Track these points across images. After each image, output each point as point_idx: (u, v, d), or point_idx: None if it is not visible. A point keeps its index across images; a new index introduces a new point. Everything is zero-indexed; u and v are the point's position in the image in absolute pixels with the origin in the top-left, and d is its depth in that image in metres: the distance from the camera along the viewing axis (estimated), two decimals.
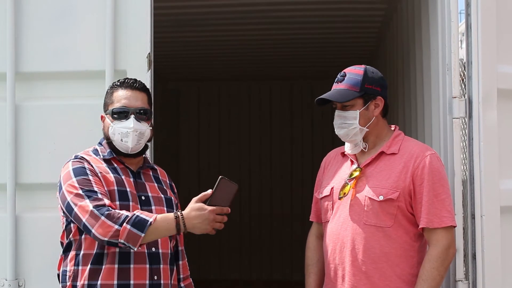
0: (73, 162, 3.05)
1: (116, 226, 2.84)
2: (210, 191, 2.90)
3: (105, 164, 3.09)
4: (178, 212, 2.91)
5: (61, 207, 3.03)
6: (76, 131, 3.61)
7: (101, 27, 3.63)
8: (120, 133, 3.07)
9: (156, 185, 3.19)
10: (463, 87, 3.70)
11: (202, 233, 2.91)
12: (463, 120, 3.66)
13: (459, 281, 3.55)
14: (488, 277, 3.54)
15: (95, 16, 3.65)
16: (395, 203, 3.11)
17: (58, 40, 3.66)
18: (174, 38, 7.39)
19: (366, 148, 3.24)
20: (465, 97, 3.64)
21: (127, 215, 2.87)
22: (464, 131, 3.68)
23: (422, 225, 3.10)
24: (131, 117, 3.08)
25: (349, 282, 3.14)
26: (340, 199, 3.20)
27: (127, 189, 3.05)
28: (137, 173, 3.16)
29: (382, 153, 3.21)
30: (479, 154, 3.58)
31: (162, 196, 3.16)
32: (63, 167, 3.07)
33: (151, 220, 2.86)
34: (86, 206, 2.89)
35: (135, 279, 2.99)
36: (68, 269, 3.02)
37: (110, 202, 2.93)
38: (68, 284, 3.01)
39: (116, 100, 3.12)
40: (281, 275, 10.20)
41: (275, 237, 10.34)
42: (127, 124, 3.07)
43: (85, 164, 3.03)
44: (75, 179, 2.97)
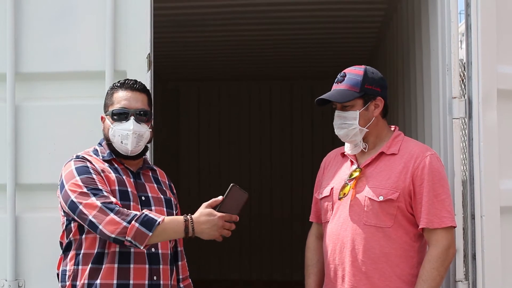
0: (75, 161, 3.05)
1: (124, 223, 2.84)
2: (220, 197, 2.93)
3: (106, 164, 3.09)
4: (188, 216, 2.92)
5: (61, 207, 3.03)
6: (76, 131, 3.61)
7: (101, 27, 3.63)
8: (120, 135, 3.07)
9: (156, 185, 3.19)
10: (463, 87, 3.70)
11: (209, 238, 2.92)
12: (463, 121, 3.66)
13: (459, 281, 3.55)
14: (488, 277, 3.54)
15: (95, 16, 3.65)
16: (395, 203, 3.10)
17: (58, 40, 3.66)
18: (174, 38, 7.39)
19: (366, 148, 3.24)
20: (465, 97, 3.64)
21: (136, 213, 2.87)
22: (464, 132, 3.68)
23: (422, 225, 3.10)
24: (131, 118, 3.08)
25: (349, 282, 3.13)
26: (340, 199, 3.20)
27: (128, 189, 3.05)
28: (137, 173, 3.16)
29: (382, 153, 3.21)
30: (479, 155, 3.58)
31: (162, 197, 3.16)
32: (64, 166, 3.07)
33: (159, 220, 2.86)
34: (93, 203, 2.88)
35: (135, 279, 2.98)
36: (68, 269, 3.02)
37: (116, 200, 2.93)
38: (68, 283, 3.01)
39: (116, 101, 3.11)
40: (281, 275, 10.19)
41: (275, 237, 10.33)
42: (127, 126, 3.07)
43: (87, 163, 3.03)
44: (78, 178, 2.96)
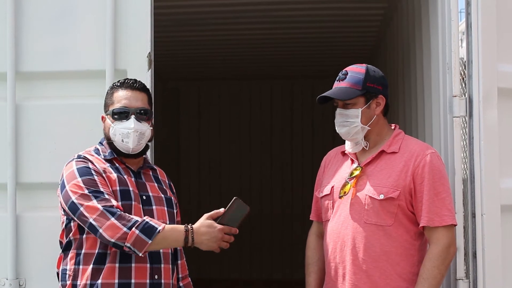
0: (76, 161, 3.04)
1: (125, 229, 2.84)
2: (222, 209, 2.96)
3: (107, 164, 3.09)
4: (189, 226, 2.94)
5: (61, 206, 3.02)
6: (76, 130, 3.61)
7: (101, 26, 3.63)
8: (121, 134, 3.07)
9: (156, 185, 3.19)
10: (463, 86, 3.70)
11: (207, 249, 2.97)
12: (464, 119, 3.66)
13: (459, 279, 3.55)
14: (489, 275, 3.54)
15: (95, 15, 3.65)
16: (396, 201, 3.10)
17: (59, 39, 3.66)
18: (175, 38, 7.39)
19: (367, 146, 3.24)
20: (465, 96, 3.65)
21: (137, 219, 2.87)
22: (464, 130, 3.68)
23: (422, 223, 3.10)
24: (132, 117, 3.08)
25: (349, 280, 3.14)
26: (340, 198, 3.20)
27: (129, 189, 3.05)
28: (138, 173, 3.16)
29: (382, 152, 3.21)
30: (480, 153, 3.58)
31: (162, 196, 3.17)
32: (66, 166, 3.06)
33: (160, 228, 2.88)
34: (94, 206, 2.88)
35: (136, 278, 2.99)
36: (68, 268, 3.02)
37: (117, 203, 2.93)
38: (68, 283, 3.00)
39: (117, 101, 3.11)
40: (281, 275, 10.18)
41: (275, 237, 10.32)
42: (128, 125, 3.07)
43: (89, 164, 3.03)
44: (80, 179, 2.96)
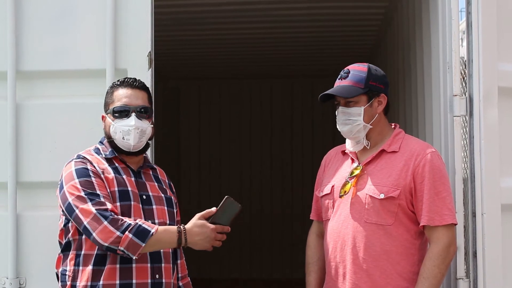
0: (75, 162, 3.04)
1: (118, 233, 2.85)
2: (214, 209, 2.97)
3: (106, 164, 3.08)
4: (181, 227, 2.94)
5: (60, 206, 3.02)
6: (76, 129, 3.61)
7: (101, 26, 3.63)
8: (121, 131, 3.07)
9: (156, 184, 3.20)
10: (463, 85, 3.70)
11: (201, 249, 2.97)
12: (464, 118, 3.66)
13: (460, 279, 3.55)
14: (489, 275, 3.54)
15: (95, 15, 3.65)
16: (396, 201, 3.10)
17: (59, 39, 3.66)
18: (175, 37, 7.39)
19: (368, 145, 3.23)
20: (465, 95, 3.64)
21: (130, 223, 2.88)
22: (465, 129, 3.68)
23: (423, 223, 3.10)
24: (132, 115, 3.08)
25: (350, 280, 3.14)
26: (341, 197, 3.20)
27: (128, 189, 3.05)
28: (138, 172, 3.16)
29: (382, 151, 3.21)
30: (480, 152, 3.58)
31: (163, 196, 3.17)
32: (65, 166, 3.06)
33: (153, 231, 2.88)
34: (88, 210, 2.89)
35: (137, 278, 2.99)
36: (68, 269, 3.02)
37: (112, 206, 2.93)
38: (68, 284, 3.00)
39: (117, 99, 3.12)
40: (281, 274, 10.19)
41: (275, 236, 10.32)
42: (129, 122, 3.07)
43: (88, 165, 3.03)
44: (77, 181, 2.96)
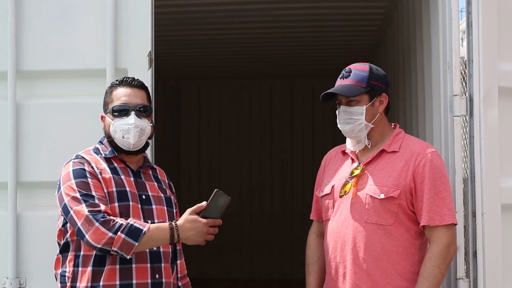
0: (73, 162, 3.04)
1: (110, 234, 2.85)
2: (204, 203, 2.96)
3: (105, 164, 3.08)
4: (173, 223, 2.94)
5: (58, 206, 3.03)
6: (77, 129, 3.61)
7: (102, 25, 3.63)
8: (121, 130, 3.07)
9: (156, 184, 3.20)
10: (464, 85, 3.70)
11: (193, 244, 2.95)
12: (464, 118, 3.66)
13: (460, 279, 3.55)
14: (489, 275, 3.54)
15: (96, 15, 3.65)
16: (396, 201, 3.10)
17: (59, 38, 3.66)
18: (175, 37, 7.39)
19: (369, 144, 3.23)
20: (466, 95, 3.65)
21: (121, 223, 2.87)
22: (465, 129, 3.68)
23: (423, 223, 3.10)
24: (132, 113, 3.09)
25: (350, 280, 3.14)
26: (341, 197, 3.20)
27: (126, 189, 3.05)
28: (137, 172, 3.15)
29: (383, 151, 3.21)
30: (480, 152, 3.58)
31: (162, 195, 3.17)
32: (64, 166, 3.07)
33: (145, 230, 2.88)
34: (81, 211, 2.89)
35: (137, 278, 2.99)
36: (68, 270, 3.02)
37: (106, 208, 2.92)
38: (68, 285, 3.00)
39: (116, 98, 3.12)
40: (282, 274, 10.19)
41: (275, 236, 10.33)
42: (128, 121, 3.07)
43: (85, 165, 3.03)
44: (74, 181, 2.97)
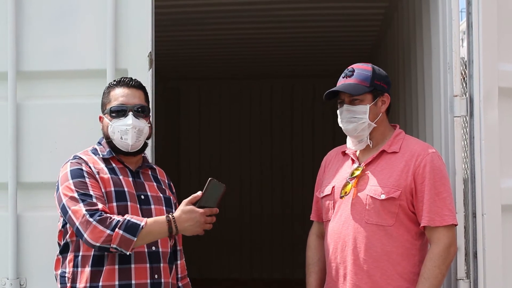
0: (71, 163, 3.05)
1: (108, 231, 2.85)
2: (200, 193, 2.93)
3: (103, 165, 3.08)
4: (170, 215, 2.92)
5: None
6: (77, 130, 3.61)
7: (102, 26, 3.63)
8: (119, 131, 3.07)
9: (155, 184, 3.19)
10: (464, 85, 3.70)
11: (192, 234, 2.94)
12: (464, 119, 3.66)
13: (460, 279, 3.55)
14: (489, 275, 3.54)
15: (96, 15, 3.65)
16: (397, 201, 3.10)
17: (59, 39, 3.66)
18: (175, 37, 7.39)
19: (371, 144, 3.23)
20: (466, 95, 3.64)
21: (118, 220, 2.87)
22: (465, 130, 3.68)
23: (423, 223, 3.10)
24: (129, 114, 3.08)
25: (350, 281, 3.13)
26: (341, 198, 3.19)
27: (124, 189, 3.05)
28: (136, 172, 3.15)
29: (383, 151, 3.21)
30: (480, 153, 3.58)
31: (161, 196, 3.16)
32: (62, 167, 3.07)
33: (142, 224, 2.88)
34: (79, 210, 2.89)
35: (136, 278, 2.99)
36: (67, 271, 3.02)
37: (103, 206, 2.92)
38: (68, 285, 3.01)
39: (114, 99, 3.12)
40: (282, 275, 10.19)
41: (275, 237, 10.32)
42: (126, 121, 3.07)
43: (83, 165, 3.03)
44: (71, 181, 2.97)
